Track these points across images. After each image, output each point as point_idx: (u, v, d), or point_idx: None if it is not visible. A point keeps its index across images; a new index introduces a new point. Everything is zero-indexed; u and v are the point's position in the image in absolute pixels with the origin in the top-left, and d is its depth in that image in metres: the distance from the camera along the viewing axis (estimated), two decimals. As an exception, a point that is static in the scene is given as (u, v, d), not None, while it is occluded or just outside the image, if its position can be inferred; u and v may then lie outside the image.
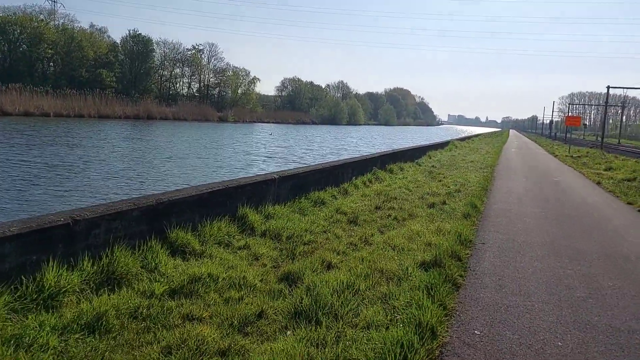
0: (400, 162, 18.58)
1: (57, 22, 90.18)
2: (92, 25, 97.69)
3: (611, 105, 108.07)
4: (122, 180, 17.24)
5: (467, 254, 6.89)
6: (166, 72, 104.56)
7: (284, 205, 8.69)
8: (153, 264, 5.02)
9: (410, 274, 5.52)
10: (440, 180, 15.39)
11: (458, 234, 7.64)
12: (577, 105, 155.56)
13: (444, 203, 11.02)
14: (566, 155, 35.61)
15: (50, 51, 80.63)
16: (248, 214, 7.23)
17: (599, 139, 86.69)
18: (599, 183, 17.73)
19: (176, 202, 5.83)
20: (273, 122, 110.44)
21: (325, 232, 7.61)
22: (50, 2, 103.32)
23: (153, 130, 52.75)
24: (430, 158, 23.84)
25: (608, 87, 56.28)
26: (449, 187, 13.77)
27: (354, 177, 13.05)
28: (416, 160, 21.37)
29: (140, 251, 5.15)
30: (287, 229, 7.17)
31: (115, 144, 31.85)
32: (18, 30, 78.76)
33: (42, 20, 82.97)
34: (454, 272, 5.74)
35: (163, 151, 29.33)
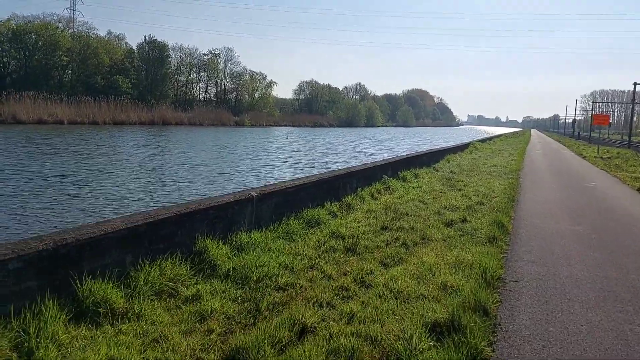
0: (416, 168, 16.82)
1: (75, 30, 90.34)
2: (109, 33, 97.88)
3: (638, 103, 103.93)
4: (110, 193, 15.82)
5: (496, 301, 5.16)
6: (182, 78, 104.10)
7: (266, 229, 7.06)
8: (33, 342, 3.43)
9: (416, 347, 3.83)
10: (460, 190, 13.61)
11: (483, 269, 5.92)
12: (600, 104, 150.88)
13: (464, 220, 9.28)
14: (595, 157, 33.34)
15: (65, 58, 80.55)
16: (209, 248, 5.63)
17: (624, 137, 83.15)
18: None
19: (91, 242, 4.25)
20: (290, 126, 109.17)
21: (311, 268, 5.96)
22: (69, 10, 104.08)
23: (165, 136, 51.71)
24: (449, 162, 21.99)
25: (635, 84, 53.67)
26: (469, 198, 12.00)
27: (359, 189, 11.37)
28: (433, 165, 19.58)
29: (22, 320, 3.57)
30: (261, 266, 5.54)
31: (119, 151, 30.66)
32: (34, 38, 78.81)
33: (57, 27, 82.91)
34: (479, 339, 4.03)
35: (169, 158, 28.00)
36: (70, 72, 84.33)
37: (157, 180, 19.06)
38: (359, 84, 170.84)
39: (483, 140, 47.18)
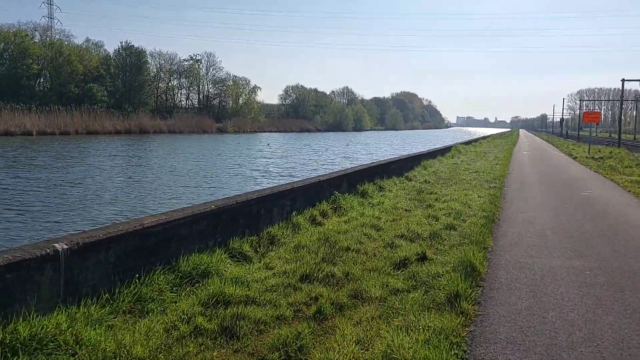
0: (382, 179, 14.29)
1: (51, 37, 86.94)
2: (87, 40, 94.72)
3: (626, 100, 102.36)
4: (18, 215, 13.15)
5: None
6: (162, 84, 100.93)
7: (93, 301, 4.45)
8: None
9: None
10: (430, 206, 11.09)
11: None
12: (587, 102, 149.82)
13: (423, 257, 6.75)
14: (587, 157, 31.02)
15: (36, 67, 77.32)
16: None
17: (612, 135, 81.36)
18: (645, 198, 13.30)
19: None
20: (276, 131, 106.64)
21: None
22: (46, 18, 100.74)
23: (138, 145, 48.84)
24: (425, 169, 19.49)
25: (623, 81, 51.75)
26: (438, 219, 9.47)
27: (294, 212, 8.79)
28: (406, 174, 17.05)
29: None
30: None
31: (70, 164, 27.88)
32: (2, 47, 75.59)
33: (27, 35, 79.59)
34: None
35: (121, 171, 25.27)
36: (42, 80, 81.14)
37: (86, 199, 16.37)
38: (347, 87, 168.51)
39: (467, 143, 44.75)
